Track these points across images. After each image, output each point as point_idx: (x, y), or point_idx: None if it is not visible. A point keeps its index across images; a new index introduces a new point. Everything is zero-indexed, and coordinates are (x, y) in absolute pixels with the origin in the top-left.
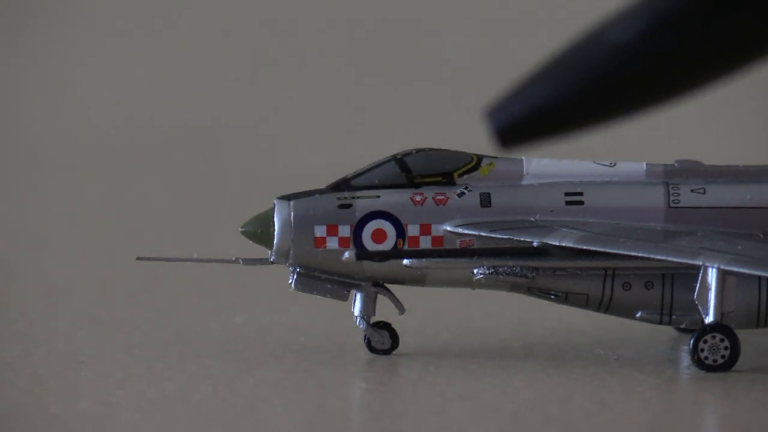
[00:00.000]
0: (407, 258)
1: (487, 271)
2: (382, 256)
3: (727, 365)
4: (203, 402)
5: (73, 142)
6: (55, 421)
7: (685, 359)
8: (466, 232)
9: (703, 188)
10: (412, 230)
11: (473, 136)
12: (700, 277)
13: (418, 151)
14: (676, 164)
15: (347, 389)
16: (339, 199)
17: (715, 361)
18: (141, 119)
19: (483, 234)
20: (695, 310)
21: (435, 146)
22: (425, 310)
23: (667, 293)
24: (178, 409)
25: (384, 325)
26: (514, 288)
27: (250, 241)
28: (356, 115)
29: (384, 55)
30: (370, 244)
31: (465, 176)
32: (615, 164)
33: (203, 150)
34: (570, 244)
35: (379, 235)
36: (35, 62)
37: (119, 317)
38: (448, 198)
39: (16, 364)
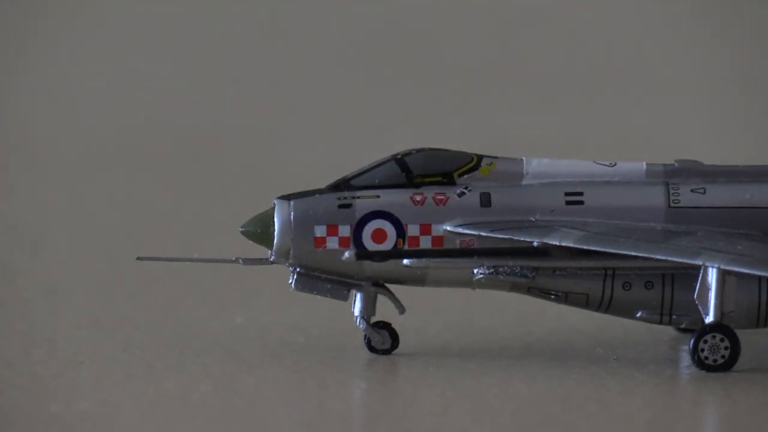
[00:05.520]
0: (407, 258)
1: (487, 271)
2: (382, 256)
3: (727, 365)
4: (203, 402)
5: (72, 141)
6: (55, 421)
7: (685, 359)
8: (466, 232)
9: (703, 188)
10: (412, 230)
11: (473, 136)
12: (700, 277)
13: (418, 151)
14: (676, 164)
15: (347, 389)
16: (339, 199)
17: (715, 361)
18: (141, 119)
19: (483, 234)
20: (695, 310)
21: (435, 146)
22: (425, 310)
23: (667, 293)
24: (178, 409)
25: (384, 325)
26: (514, 288)
27: (250, 241)
28: (356, 115)
29: (384, 55)
30: (370, 244)
31: (465, 176)
32: (615, 164)
33: (203, 150)
34: (570, 244)
35: (379, 235)
36: (35, 62)
37: (119, 317)
38: (448, 198)
39: (16, 364)
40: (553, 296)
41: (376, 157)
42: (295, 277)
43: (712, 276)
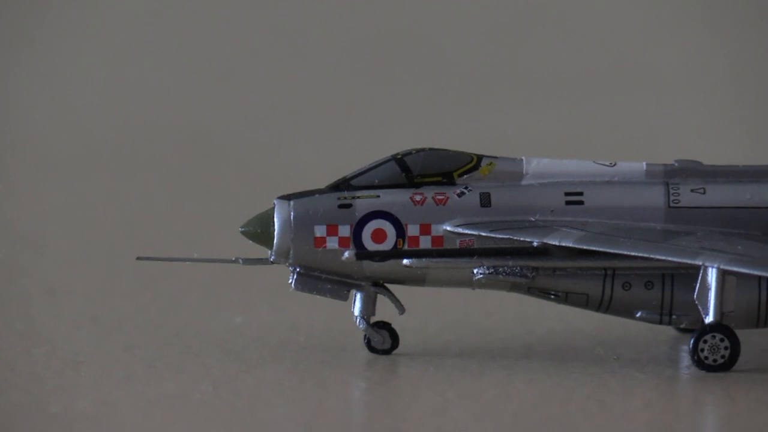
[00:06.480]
0: (407, 258)
1: (487, 271)
2: (382, 256)
3: (727, 365)
4: (203, 402)
5: (73, 141)
6: (55, 421)
7: (685, 359)
8: (466, 231)
9: (703, 188)
10: (412, 230)
11: (473, 136)
12: (700, 277)
13: (418, 151)
14: (676, 164)
15: (347, 389)
16: (339, 199)
17: (715, 361)
18: (141, 119)
19: (483, 234)
20: (695, 310)
21: (435, 146)
22: (425, 310)
23: (667, 293)
24: (178, 409)
25: (384, 325)
26: (514, 288)
27: (250, 241)
28: (356, 115)
29: (384, 55)
30: (370, 244)
31: (465, 176)
32: (615, 164)
33: (203, 150)
34: (570, 244)
35: (379, 235)
36: (34, 61)
37: (119, 317)
38: (448, 198)
39: (16, 364)
40: (553, 296)
41: (376, 157)
42: (295, 277)
43: (712, 276)
